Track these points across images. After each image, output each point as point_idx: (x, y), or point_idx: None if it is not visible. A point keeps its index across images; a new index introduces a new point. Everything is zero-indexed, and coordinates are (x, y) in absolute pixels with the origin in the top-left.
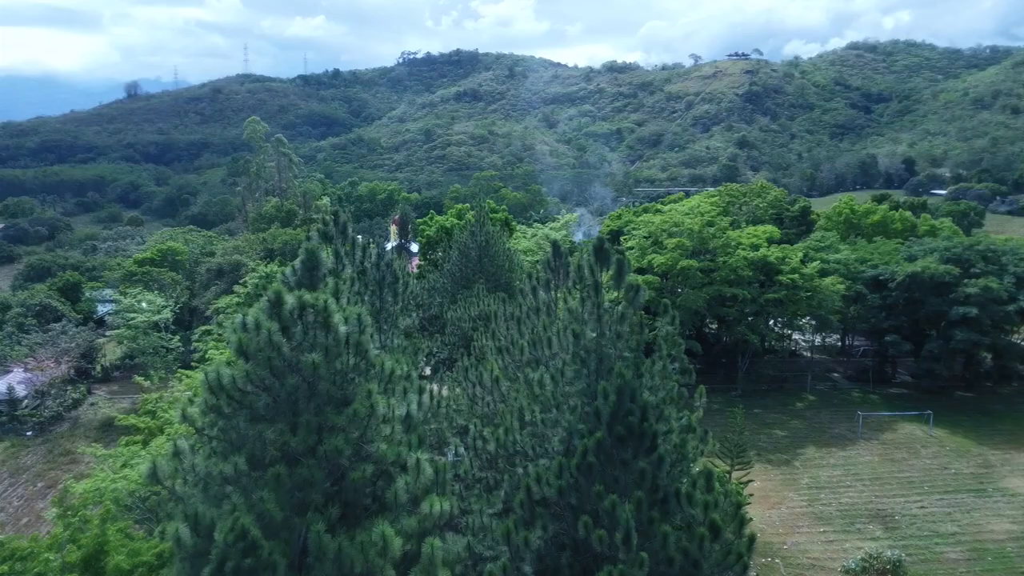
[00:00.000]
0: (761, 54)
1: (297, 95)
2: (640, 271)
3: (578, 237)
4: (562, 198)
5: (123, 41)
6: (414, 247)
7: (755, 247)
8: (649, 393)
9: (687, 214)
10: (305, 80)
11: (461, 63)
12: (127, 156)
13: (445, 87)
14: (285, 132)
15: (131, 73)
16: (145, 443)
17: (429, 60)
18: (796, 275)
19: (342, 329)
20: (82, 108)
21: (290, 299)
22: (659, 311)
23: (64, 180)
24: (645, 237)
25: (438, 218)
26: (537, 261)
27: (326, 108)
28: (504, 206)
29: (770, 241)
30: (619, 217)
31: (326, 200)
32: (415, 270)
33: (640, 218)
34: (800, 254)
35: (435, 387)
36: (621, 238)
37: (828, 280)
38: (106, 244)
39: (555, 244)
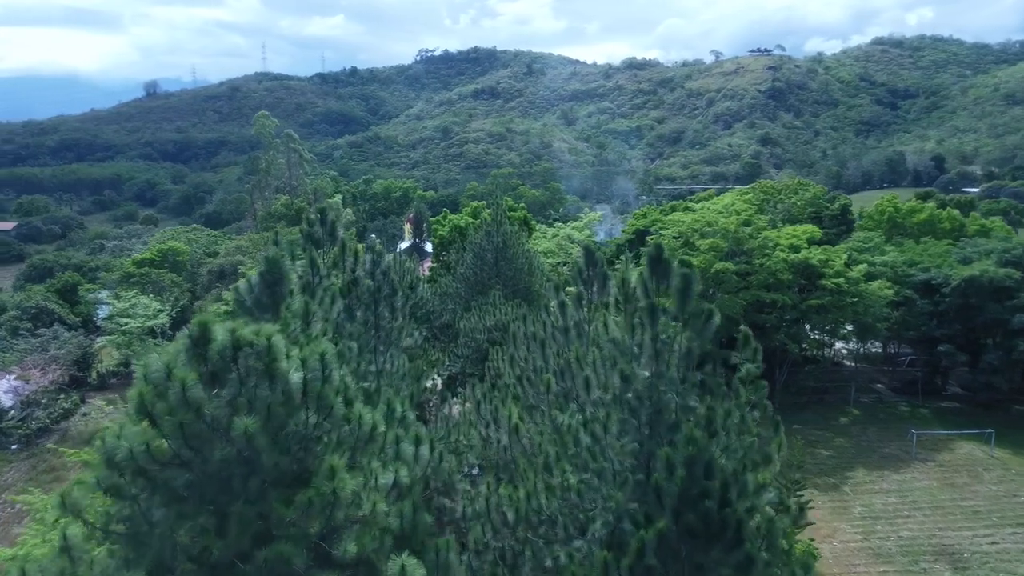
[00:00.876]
0: (784, 50)
1: (315, 93)
2: None
3: (600, 236)
4: (581, 196)
5: (143, 41)
6: (429, 247)
7: (794, 248)
8: (725, 456)
9: (720, 213)
10: (323, 78)
11: (479, 60)
12: (145, 155)
13: (463, 84)
14: (302, 130)
15: (151, 73)
16: None
17: (447, 58)
18: (841, 279)
19: (295, 377)
20: (102, 107)
21: (220, 335)
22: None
23: (82, 178)
24: (675, 237)
25: (452, 217)
26: (559, 263)
27: (343, 106)
28: (523, 204)
29: (811, 242)
30: (644, 216)
31: (338, 198)
32: (427, 272)
33: (669, 217)
34: (844, 256)
35: (445, 407)
36: (647, 238)
37: (875, 284)
38: (111, 243)
39: (588, 249)
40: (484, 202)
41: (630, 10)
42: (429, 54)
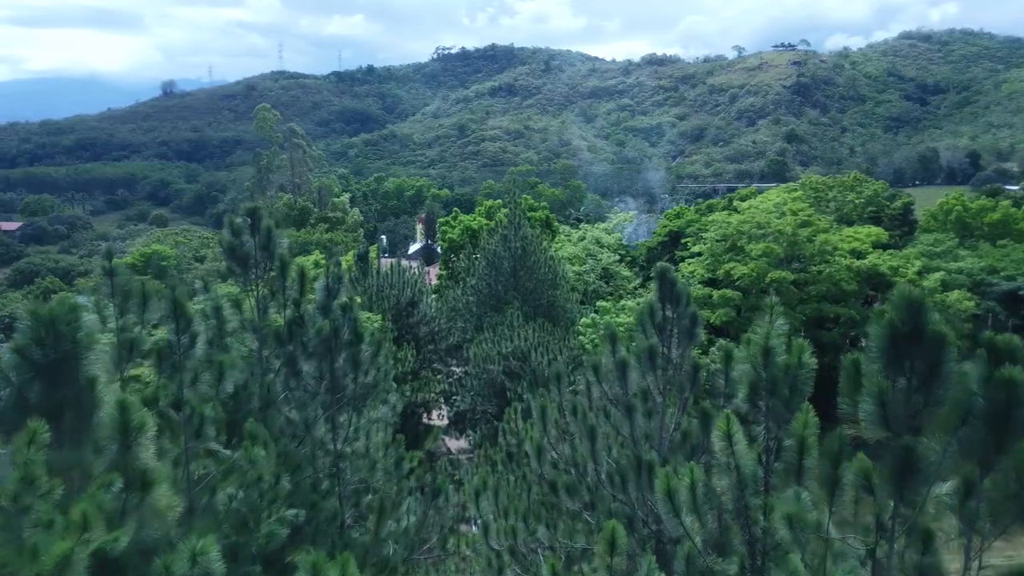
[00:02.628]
0: (808, 44)
1: (331, 91)
2: (711, 283)
3: (625, 238)
4: (602, 195)
5: (165, 41)
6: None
7: (857, 254)
8: None
9: (771, 213)
10: (339, 76)
11: (496, 58)
12: (161, 154)
13: (480, 82)
14: (318, 129)
15: (172, 73)
16: None
17: (464, 55)
18: (917, 290)
19: None
20: (121, 107)
21: None
22: None
23: (95, 177)
24: (718, 241)
25: (463, 217)
26: (586, 272)
27: (359, 104)
28: (543, 203)
29: (875, 246)
30: (678, 216)
31: (344, 197)
32: (434, 280)
33: (709, 218)
34: (918, 262)
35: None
36: (682, 241)
37: (954, 296)
38: (106, 244)
39: (665, 274)
40: (500, 201)
41: (649, 7)
42: (446, 52)
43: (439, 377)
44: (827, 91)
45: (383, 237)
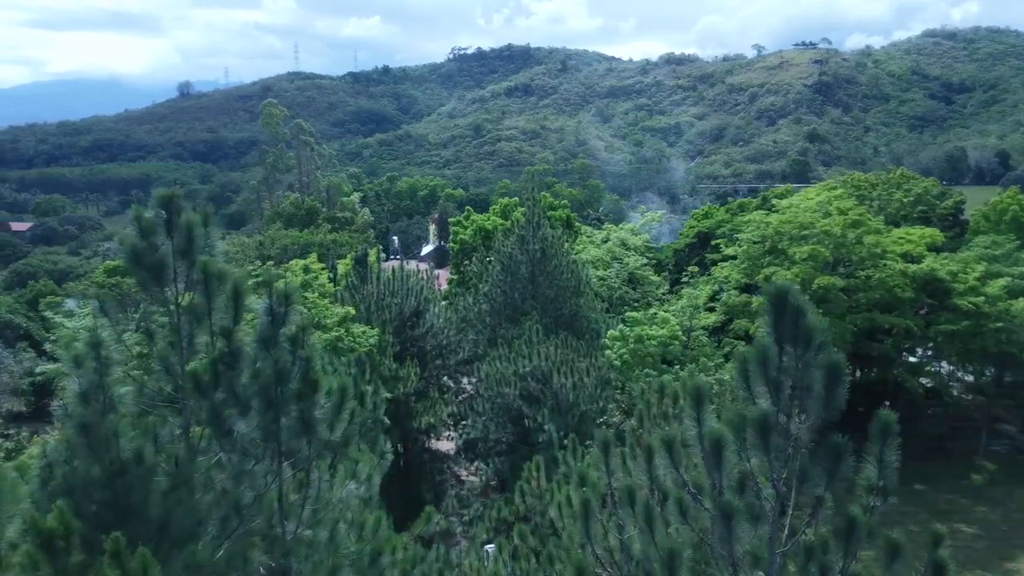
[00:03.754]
0: (830, 43)
1: (346, 92)
2: (748, 289)
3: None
4: (621, 195)
5: (182, 44)
6: None
7: (909, 257)
8: None
9: (815, 211)
10: (355, 77)
11: (512, 58)
12: (176, 154)
13: (496, 82)
14: (333, 129)
15: (190, 75)
16: None
17: (480, 55)
18: (980, 298)
19: None
20: (137, 108)
21: None
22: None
23: (110, 178)
24: (755, 243)
25: (476, 217)
26: (611, 277)
27: (375, 105)
28: (564, 201)
29: (930, 248)
30: (707, 216)
31: (355, 196)
32: (444, 285)
33: (744, 218)
34: (980, 267)
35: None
36: (713, 242)
37: (1020, 304)
38: (106, 246)
39: (783, 298)
40: (516, 199)
41: (666, 8)
42: (462, 52)
43: (448, 395)
44: (849, 90)
45: (395, 238)
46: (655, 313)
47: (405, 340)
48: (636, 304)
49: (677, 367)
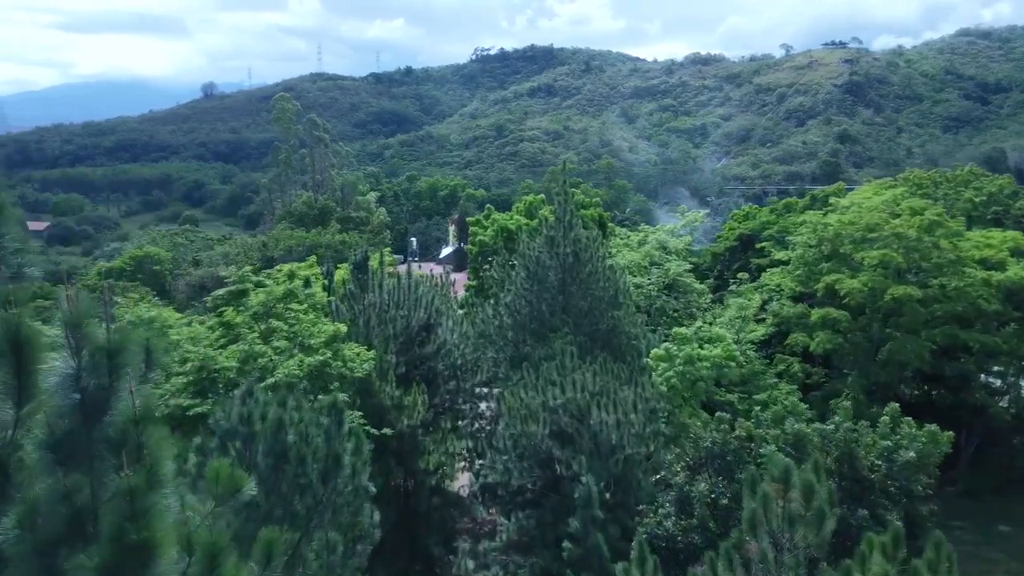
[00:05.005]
0: (860, 42)
1: (368, 93)
2: (802, 298)
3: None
4: (647, 196)
5: (208, 46)
6: None
7: (987, 263)
8: None
9: (881, 210)
10: (377, 78)
11: (535, 59)
12: (199, 155)
13: (519, 83)
14: (355, 130)
15: (215, 77)
16: None
17: (503, 56)
18: None
19: None
20: (161, 109)
21: None
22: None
23: (132, 178)
24: (811, 246)
25: (498, 216)
26: (641, 283)
27: (397, 106)
28: (596, 199)
29: (1012, 253)
30: (747, 217)
31: (371, 195)
32: (462, 291)
33: (792, 219)
34: None
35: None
36: (757, 245)
37: None
38: (112, 246)
39: None
40: (542, 195)
41: (690, 9)
42: (485, 52)
43: (463, 424)
44: (881, 90)
45: (412, 240)
46: (701, 326)
47: (412, 360)
48: (676, 315)
49: (734, 393)
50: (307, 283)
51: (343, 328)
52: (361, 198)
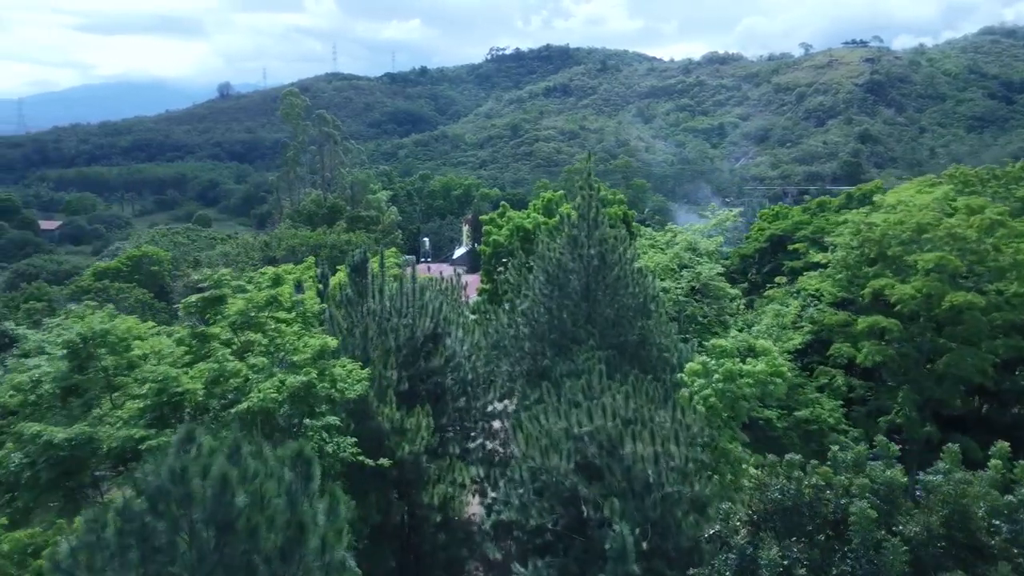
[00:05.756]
0: (881, 41)
1: (383, 92)
2: (844, 305)
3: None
4: (665, 196)
5: (225, 47)
6: None
7: None
8: None
9: (932, 208)
10: (392, 78)
11: (551, 58)
12: (214, 154)
13: (534, 82)
14: (370, 130)
15: (233, 78)
16: None
17: (518, 56)
18: None
19: None
20: (177, 108)
21: None
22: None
23: (147, 178)
24: (854, 248)
25: (513, 214)
26: (669, 288)
27: (412, 105)
28: (621, 195)
29: None
30: (778, 217)
31: (382, 194)
32: (474, 295)
33: (830, 217)
34: None
35: None
36: (789, 247)
37: None
38: (115, 246)
39: None
40: (562, 192)
41: (707, 10)
42: (500, 52)
43: (473, 447)
44: (903, 89)
45: (425, 240)
46: (741, 336)
47: (417, 375)
48: (705, 321)
49: (773, 410)
50: (299, 287)
51: (332, 342)
52: (372, 197)
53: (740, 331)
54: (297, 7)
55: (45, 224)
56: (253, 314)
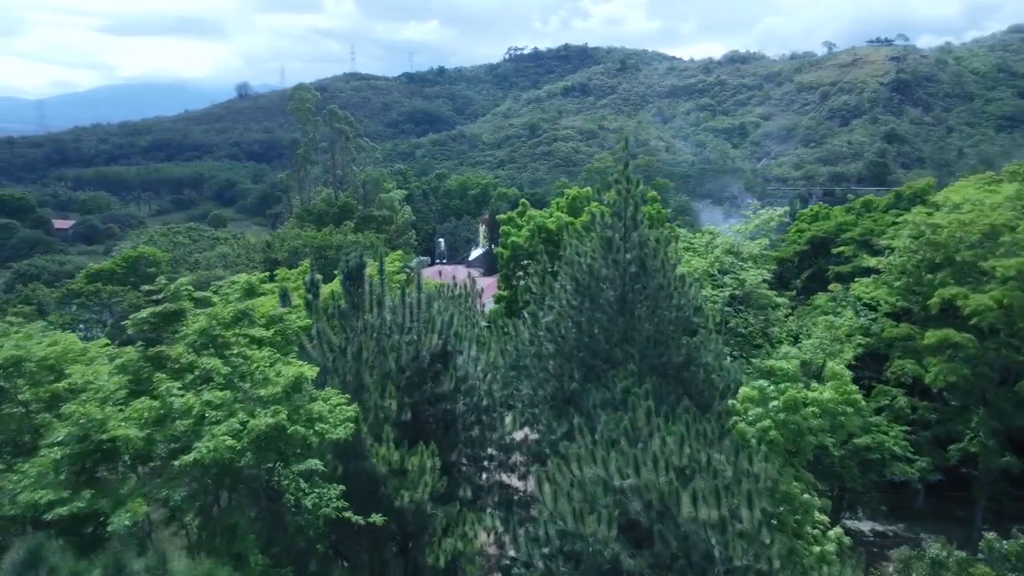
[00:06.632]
0: (907, 39)
1: (401, 92)
2: (899, 317)
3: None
4: (687, 196)
5: (246, 48)
6: None
7: None
8: None
9: (1006, 208)
10: (410, 77)
11: (569, 58)
12: (232, 154)
13: (552, 82)
14: (388, 130)
15: (253, 79)
16: None
17: (536, 56)
18: None
19: None
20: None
21: None
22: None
23: (164, 177)
24: (914, 251)
25: (534, 213)
26: (709, 296)
27: (429, 105)
28: (654, 193)
29: None
30: (817, 217)
31: (396, 193)
32: (490, 301)
33: (879, 218)
34: None
35: None
36: (833, 250)
37: None
38: (119, 245)
39: None
40: (589, 188)
41: (727, 9)
42: (518, 52)
43: (489, 482)
44: (930, 88)
45: (440, 240)
46: (789, 349)
47: (421, 402)
48: (746, 333)
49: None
50: (284, 298)
51: (309, 372)
52: (384, 196)
53: (791, 346)
54: (317, 8)
55: (59, 223)
56: (218, 333)
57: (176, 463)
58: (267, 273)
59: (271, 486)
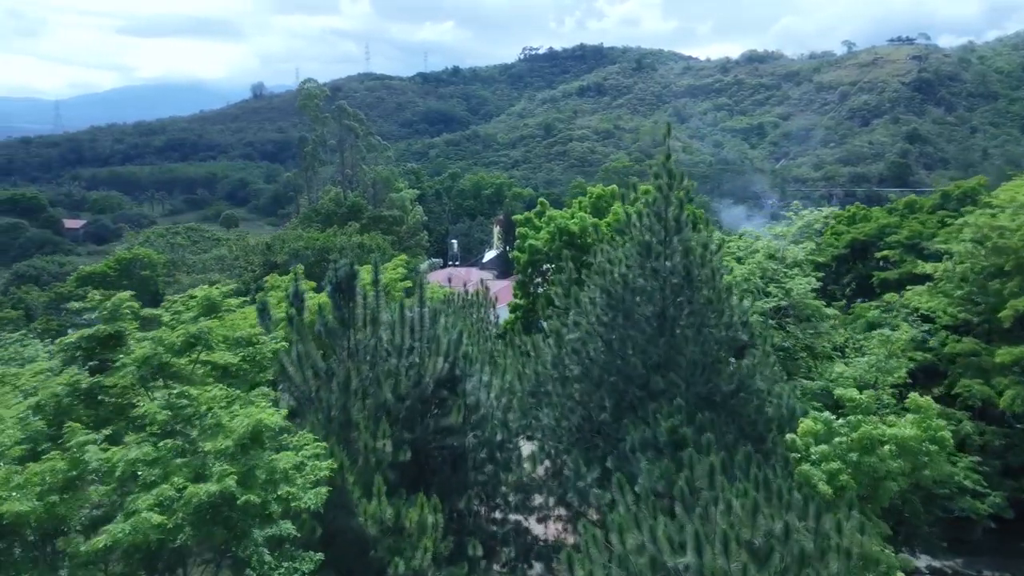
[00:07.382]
0: (928, 38)
1: (415, 92)
2: (958, 330)
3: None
4: (708, 196)
5: (262, 49)
6: None
7: None
8: None
9: None
10: (424, 78)
11: (585, 58)
12: (246, 154)
13: (568, 82)
14: (402, 130)
15: (269, 79)
16: None
17: (551, 55)
18: None
19: None
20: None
21: None
22: None
23: (178, 177)
24: (976, 257)
25: (555, 213)
26: (761, 303)
27: (444, 105)
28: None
29: None
30: (855, 219)
31: (407, 193)
32: (505, 309)
33: (926, 219)
34: None
35: None
36: (877, 255)
37: None
38: (120, 245)
39: None
40: (614, 186)
41: (743, 9)
42: (533, 52)
43: (504, 530)
44: (952, 88)
45: (453, 242)
46: (844, 368)
47: (425, 436)
48: (790, 349)
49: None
50: (263, 313)
51: (270, 419)
52: (395, 195)
53: (842, 364)
54: (332, 9)
55: (69, 223)
56: (165, 361)
57: (83, 548)
58: (255, 282)
59: (229, 558)
